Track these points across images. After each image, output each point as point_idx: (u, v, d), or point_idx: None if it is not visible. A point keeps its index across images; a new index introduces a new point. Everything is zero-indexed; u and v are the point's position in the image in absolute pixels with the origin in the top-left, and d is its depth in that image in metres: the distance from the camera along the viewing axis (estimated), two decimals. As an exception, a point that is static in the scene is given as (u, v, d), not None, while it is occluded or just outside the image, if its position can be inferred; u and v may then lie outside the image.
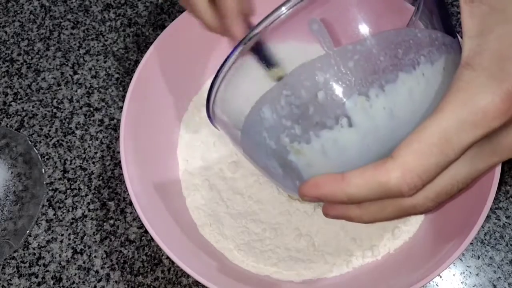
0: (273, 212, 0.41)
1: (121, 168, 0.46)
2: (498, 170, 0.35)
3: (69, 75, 0.51)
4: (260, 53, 0.28)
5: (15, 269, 0.42)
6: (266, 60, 0.29)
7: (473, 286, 0.41)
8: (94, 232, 0.43)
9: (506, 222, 0.43)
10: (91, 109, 0.49)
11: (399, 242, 0.40)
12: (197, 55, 0.45)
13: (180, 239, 0.37)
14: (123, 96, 0.49)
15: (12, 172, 0.45)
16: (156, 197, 0.39)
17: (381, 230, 0.40)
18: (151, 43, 0.41)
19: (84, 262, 0.42)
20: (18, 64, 0.51)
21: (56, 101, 0.49)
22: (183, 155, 0.44)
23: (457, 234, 0.35)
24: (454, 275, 0.41)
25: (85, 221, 0.44)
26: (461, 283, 0.41)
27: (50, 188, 0.45)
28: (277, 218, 0.41)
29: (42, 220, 0.44)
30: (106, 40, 0.52)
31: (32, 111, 0.49)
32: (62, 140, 0.47)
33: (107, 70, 0.51)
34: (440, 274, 0.41)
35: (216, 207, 0.41)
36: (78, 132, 0.48)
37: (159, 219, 0.36)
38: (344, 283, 0.38)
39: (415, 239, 0.40)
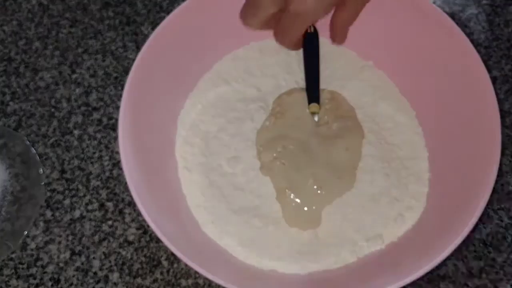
0: (275, 206, 0.41)
1: (119, 168, 0.45)
2: (498, 153, 0.35)
3: (67, 74, 0.50)
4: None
5: (12, 270, 0.42)
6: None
7: (475, 288, 0.41)
8: (92, 233, 0.43)
9: (508, 223, 0.43)
10: (90, 108, 0.48)
11: (403, 229, 0.40)
12: (192, 51, 0.45)
13: (184, 238, 0.37)
14: (122, 95, 0.49)
15: (9, 173, 0.45)
16: (157, 196, 0.38)
17: (384, 219, 0.40)
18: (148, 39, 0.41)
19: (82, 264, 0.42)
20: (16, 63, 0.51)
21: (54, 101, 0.49)
22: (181, 153, 0.44)
23: (460, 218, 0.35)
24: (456, 276, 0.41)
25: (84, 222, 0.43)
26: (464, 284, 0.41)
27: (48, 189, 0.45)
28: (279, 212, 0.41)
29: (40, 221, 0.43)
30: (104, 39, 0.52)
31: (30, 110, 0.48)
32: (60, 140, 0.47)
33: (106, 69, 0.50)
34: (441, 275, 0.41)
35: (217, 204, 0.41)
36: (76, 132, 0.47)
37: (161, 218, 0.36)
38: (350, 273, 0.38)
39: (418, 225, 0.40)
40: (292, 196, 0.41)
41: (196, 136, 0.44)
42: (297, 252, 0.39)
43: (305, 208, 0.41)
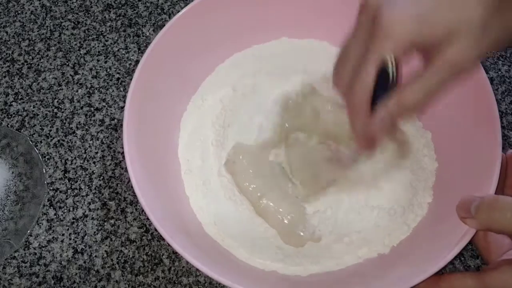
0: (288, 207, 0.41)
1: (121, 168, 0.46)
2: (496, 174, 0.35)
3: (70, 75, 0.51)
4: None
5: (16, 268, 0.42)
6: None
7: (473, 286, 0.41)
8: (94, 232, 0.43)
9: (505, 222, 0.43)
10: (92, 109, 0.49)
11: (405, 235, 0.40)
12: (194, 54, 0.45)
13: (186, 237, 0.37)
14: (124, 96, 0.49)
15: (13, 172, 0.45)
16: (161, 197, 0.39)
17: (388, 227, 0.40)
18: (151, 42, 0.41)
19: (84, 262, 0.42)
20: (19, 64, 0.51)
21: (57, 101, 0.49)
22: (184, 155, 0.44)
23: (458, 228, 0.35)
24: (453, 274, 0.41)
25: (86, 221, 0.44)
26: (461, 282, 0.41)
27: (51, 188, 0.45)
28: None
29: (43, 220, 0.44)
30: (106, 40, 0.53)
31: (33, 111, 0.49)
32: (63, 140, 0.47)
33: (108, 70, 0.51)
34: (439, 274, 0.41)
35: (219, 206, 0.42)
36: (78, 132, 0.48)
37: (165, 219, 0.36)
38: (351, 275, 0.38)
39: (420, 231, 0.40)
40: (266, 203, 0.40)
41: (197, 139, 0.45)
42: (299, 256, 0.40)
43: (289, 217, 0.40)
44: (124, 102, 0.43)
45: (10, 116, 0.49)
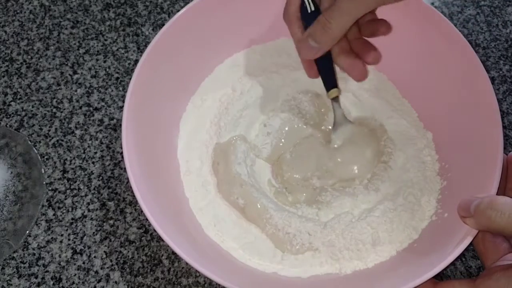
0: (275, 214, 0.41)
1: (120, 168, 0.46)
2: (498, 174, 0.35)
3: (69, 74, 0.51)
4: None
5: (14, 269, 0.42)
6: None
7: (474, 287, 0.41)
8: (93, 233, 0.43)
9: (506, 223, 0.43)
10: (91, 108, 0.49)
11: (409, 240, 0.39)
12: (194, 54, 0.45)
13: (186, 238, 0.37)
14: (123, 96, 0.49)
15: (11, 172, 0.45)
16: (160, 198, 0.39)
17: (393, 233, 0.39)
18: (151, 42, 0.41)
19: (83, 263, 0.42)
20: (17, 64, 0.51)
21: (56, 101, 0.49)
22: (183, 156, 0.44)
23: (460, 229, 0.35)
24: (454, 275, 0.41)
25: (85, 221, 0.44)
26: (462, 283, 0.41)
27: (50, 188, 0.45)
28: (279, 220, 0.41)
29: (42, 220, 0.44)
30: (105, 40, 0.52)
31: (31, 111, 0.49)
32: (62, 140, 0.47)
33: (107, 69, 0.51)
34: (440, 275, 0.41)
35: (218, 208, 0.41)
36: (77, 132, 0.48)
37: (165, 219, 0.36)
38: (352, 277, 0.38)
39: (424, 236, 0.39)
40: (255, 214, 0.40)
41: (196, 140, 0.44)
42: (297, 257, 0.39)
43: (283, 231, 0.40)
44: (123, 102, 0.43)
45: (8, 116, 0.48)
